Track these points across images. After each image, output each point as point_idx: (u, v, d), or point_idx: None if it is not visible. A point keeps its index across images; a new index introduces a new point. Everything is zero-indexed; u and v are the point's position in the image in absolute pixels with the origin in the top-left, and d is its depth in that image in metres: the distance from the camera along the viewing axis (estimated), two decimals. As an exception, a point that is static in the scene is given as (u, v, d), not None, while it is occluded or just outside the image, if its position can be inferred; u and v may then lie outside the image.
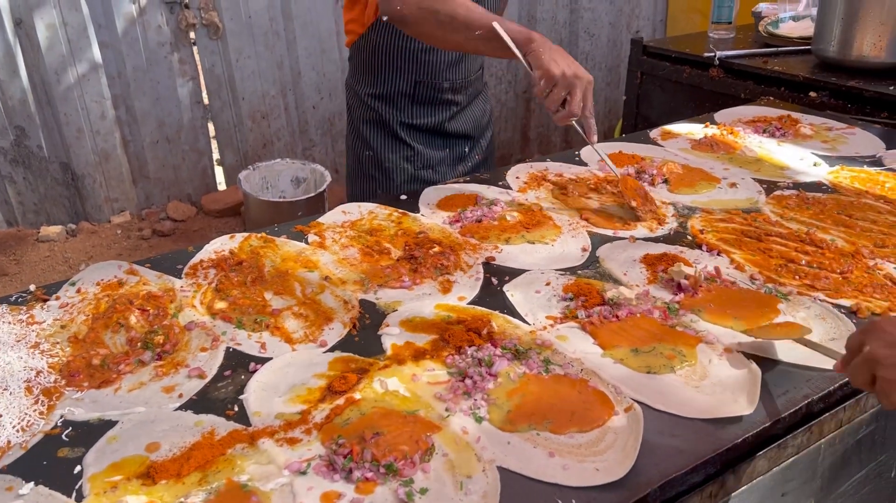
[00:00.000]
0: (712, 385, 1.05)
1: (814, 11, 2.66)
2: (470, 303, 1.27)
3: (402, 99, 1.89)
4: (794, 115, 2.13)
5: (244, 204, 3.98)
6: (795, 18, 2.92)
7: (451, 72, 1.89)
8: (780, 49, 2.74)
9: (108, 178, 4.09)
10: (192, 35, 4.03)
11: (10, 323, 1.22)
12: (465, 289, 1.31)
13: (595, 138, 1.60)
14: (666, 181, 1.72)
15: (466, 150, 2.05)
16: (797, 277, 1.31)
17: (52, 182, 3.98)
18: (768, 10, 3.07)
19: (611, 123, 5.46)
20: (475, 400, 1.02)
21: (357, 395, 1.03)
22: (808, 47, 2.61)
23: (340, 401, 1.02)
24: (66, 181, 4.01)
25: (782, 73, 2.49)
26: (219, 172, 4.50)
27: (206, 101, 4.23)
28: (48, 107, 3.83)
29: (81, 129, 3.91)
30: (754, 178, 1.73)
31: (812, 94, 2.38)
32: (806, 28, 2.79)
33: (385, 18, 1.68)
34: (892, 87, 2.23)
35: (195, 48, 4.08)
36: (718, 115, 2.20)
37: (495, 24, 1.53)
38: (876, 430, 1.17)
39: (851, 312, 1.21)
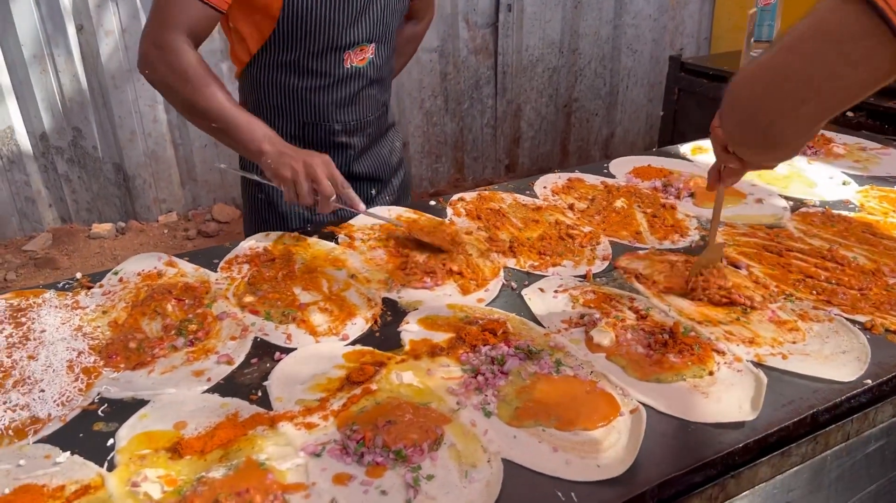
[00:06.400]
0: (718, 391, 1.07)
1: (855, 31, 2.65)
2: (488, 305, 1.32)
3: (290, 142, 1.59)
4: (828, 133, 2.13)
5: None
6: (838, 38, 2.90)
7: (342, 113, 1.72)
8: (820, 68, 2.72)
9: (157, 180, 4.24)
10: (242, 43, 4.16)
11: (56, 307, 1.30)
12: (483, 292, 1.35)
13: (362, 206, 1.47)
14: (692, 195, 1.74)
15: (373, 192, 1.88)
16: (814, 292, 1.33)
17: (104, 182, 4.14)
18: (810, 30, 3.05)
19: (652, 139, 5.45)
20: (486, 395, 1.07)
21: (374, 386, 1.08)
22: (849, 67, 2.59)
23: (357, 390, 1.07)
24: (117, 181, 4.17)
25: (820, 92, 2.48)
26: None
27: (253, 107, 4.36)
28: (104, 109, 3.99)
29: (134, 131, 4.07)
30: (781, 195, 1.75)
31: (849, 113, 2.38)
32: (847, 48, 2.77)
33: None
34: (931, 109, 2.21)
35: (245, 56, 4.22)
36: (751, 133, 2.21)
37: (220, 166, 1.55)
38: (886, 446, 1.17)
39: (866, 328, 1.22)
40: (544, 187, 1.81)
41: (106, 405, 1.06)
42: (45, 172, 4.01)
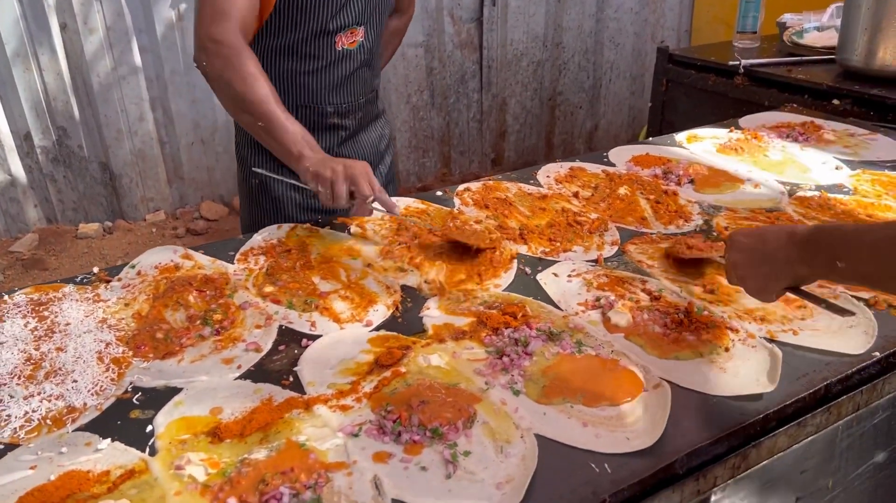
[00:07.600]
0: (735, 367, 1.12)
1: (838, 22, 2.72)
2: (505, 290, 1.35)
3: None
4: (817, 121, 2.19)
5: (275, 204, 4.08)
6: (820, 29, 2.98)
7: (334, 95, 1.78)
8: (804, 58, 2.79)
9: (144, 178, 4.22)
10: (227, 40, 4.15)
11: (77, 300, 1.31)
12: (500, 278, 1.38)
13: (397, 210, 1.55)
14: (692, 181, 1.79)
15: None
16: (818, 272, 1.37)
17: (90, 181, 4.11)
18: (793, 21, 3.12)
19: (634, 131, 5.52)
20: (512, 375, 1.10)
21: (402, 369, 1.11)
22: (832, 56, 2.66)
23: (387, 373, 1.10)
24: (104, 180, 4.14)
25: (806, 81, 2.55)
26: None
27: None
28: (89, 108, 3.96)
29: (120, 130, 4.04)
30: (777, 180, 1.80)
31: (835, 101, 2.44)
32: (830, 38, 2.84)
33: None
34: (914, 96, 2.27)
35: (230, 53, 4.21)
36: (743, 121, 2.27)
37: (257, 170, 1.64)
38: (892, 416, 1.22)
39: (870, 304, 1.27)
40: (547, 176, 1.84)
41: (140, 393, 1.08)
42: (30, 172, 3.97)
